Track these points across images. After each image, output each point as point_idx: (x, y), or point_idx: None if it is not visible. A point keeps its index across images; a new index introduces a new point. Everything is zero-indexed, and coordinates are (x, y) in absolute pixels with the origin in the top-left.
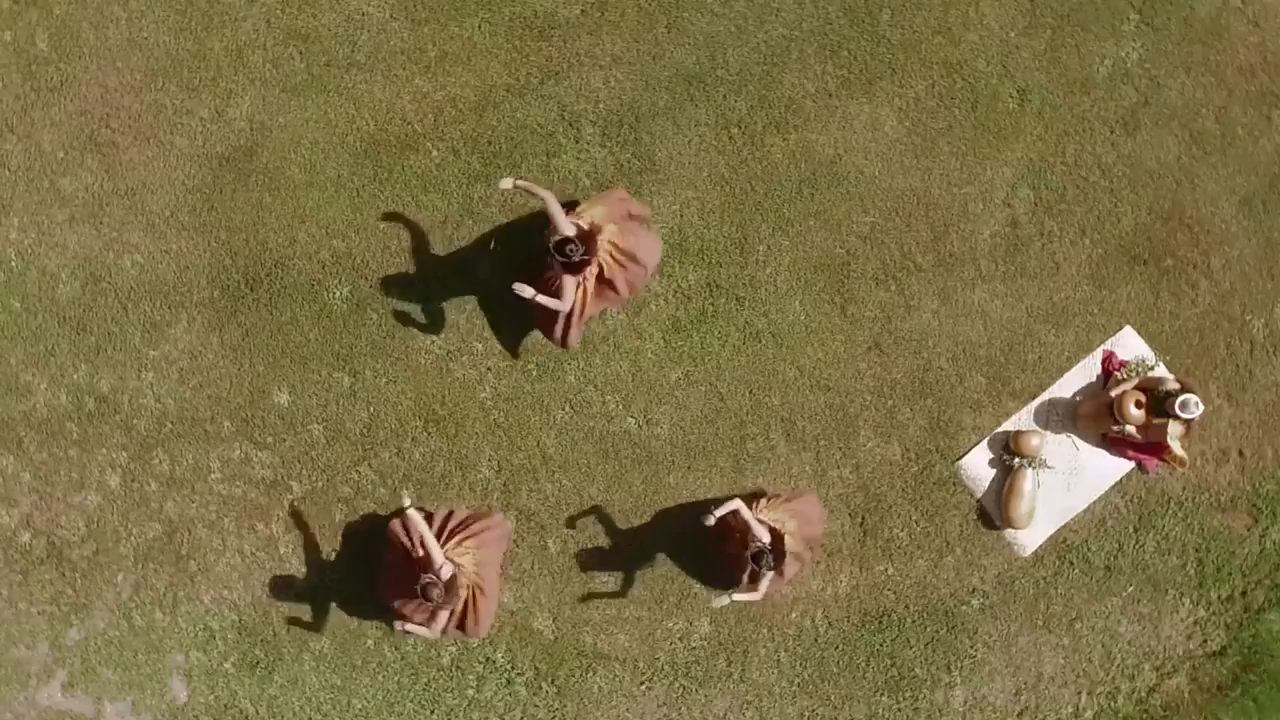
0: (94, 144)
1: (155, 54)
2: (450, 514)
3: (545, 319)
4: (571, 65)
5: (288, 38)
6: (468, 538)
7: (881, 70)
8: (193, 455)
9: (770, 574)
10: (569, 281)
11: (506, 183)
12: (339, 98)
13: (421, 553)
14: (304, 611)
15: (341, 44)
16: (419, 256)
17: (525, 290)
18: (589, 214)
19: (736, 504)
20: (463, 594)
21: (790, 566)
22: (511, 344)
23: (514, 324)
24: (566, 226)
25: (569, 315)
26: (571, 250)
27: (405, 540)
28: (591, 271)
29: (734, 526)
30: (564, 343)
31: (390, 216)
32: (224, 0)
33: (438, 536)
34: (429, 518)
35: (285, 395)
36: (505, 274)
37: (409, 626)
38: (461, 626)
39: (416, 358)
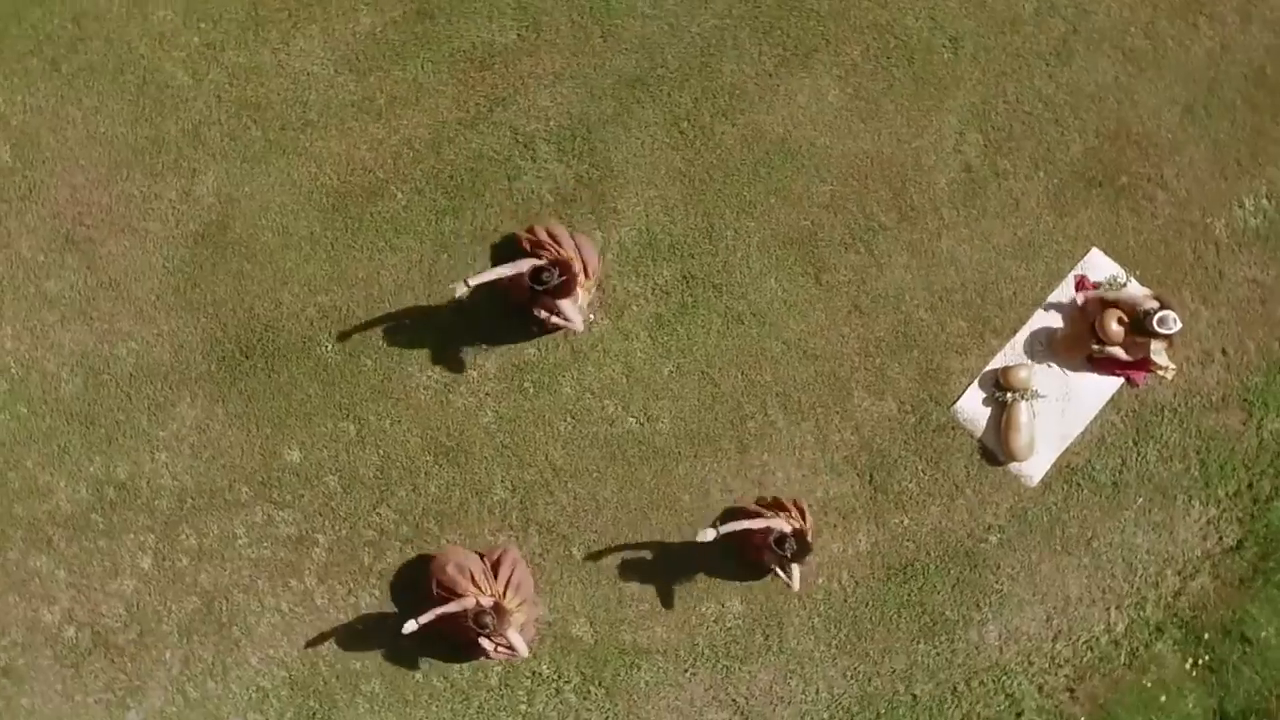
0: (71, 243)
1: (115, 146)
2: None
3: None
4: (517, 89)
5: (240, 109)
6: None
7: (816, 43)
8: (217, 525)
9: (797, 566)
10: (567, 305)
11: (461, 290)
12: (299, 158)
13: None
14: (350, 657)
15: (292, 106)
16: (402, 297)
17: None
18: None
19: (740, 525)
20: (513, 618)
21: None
22: (505, 364)
23: (504, 346)
24: (527, 264)
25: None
26: (548, 276)
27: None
28: (582, 283)
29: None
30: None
31: (368, 264)
32: (172, 84)
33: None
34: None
35: (296, 453)
36: (489, 302)
37: (499, 649)
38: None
39: (416, 395)
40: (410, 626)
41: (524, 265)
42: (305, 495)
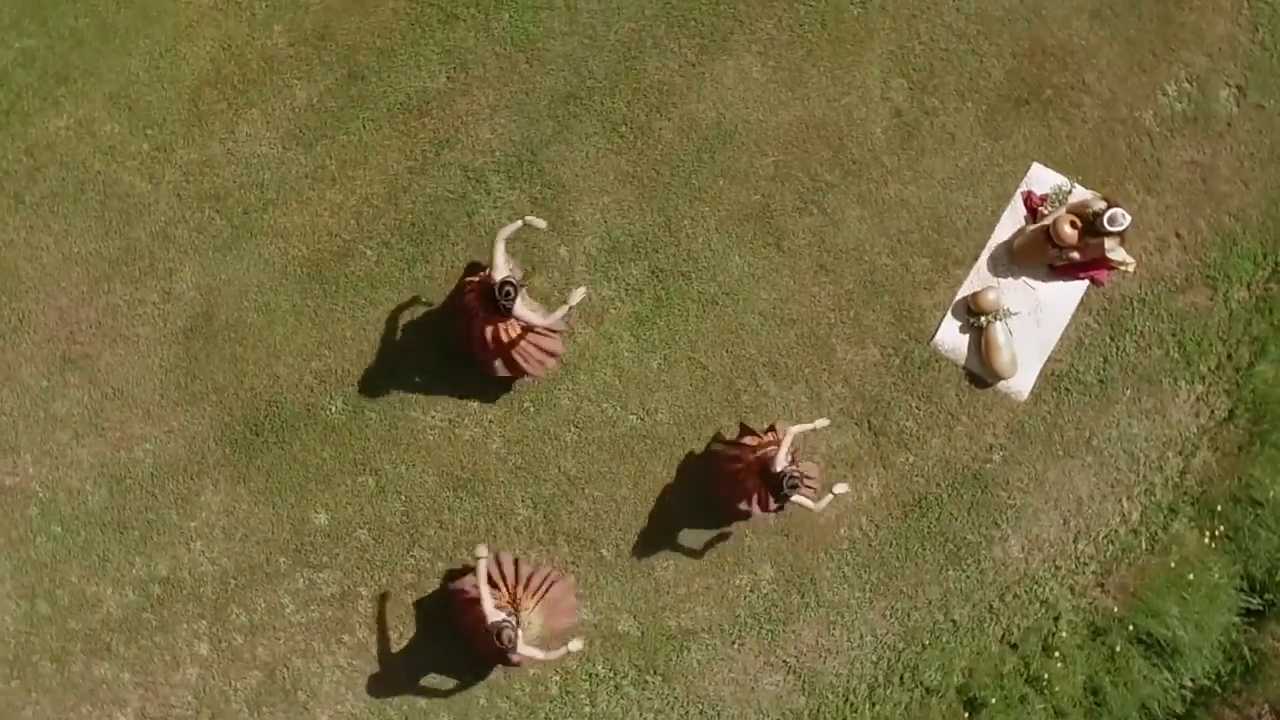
0: (69, 362)
1: (91, 263)
2: (517, 561)
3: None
4: (457, 129)
5: (201, 203)
6: (538, 601)
7: (730, 25)
8: (263, 599)
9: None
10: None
11: (538, 222)
12: (267, 237)
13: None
14: (415, 698)
15: (250, 190)
16: (392, 348)
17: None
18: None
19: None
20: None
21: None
22: (502, 397)
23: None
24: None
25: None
26: (508, 293)
27: (470, 591)
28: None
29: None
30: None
31: (353, 323)
32: (133, 193)
33: (504, 582)
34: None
35: (323, 515)
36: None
37: (520, 653)
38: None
39: (424, 436)
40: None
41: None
42: (340, 553)
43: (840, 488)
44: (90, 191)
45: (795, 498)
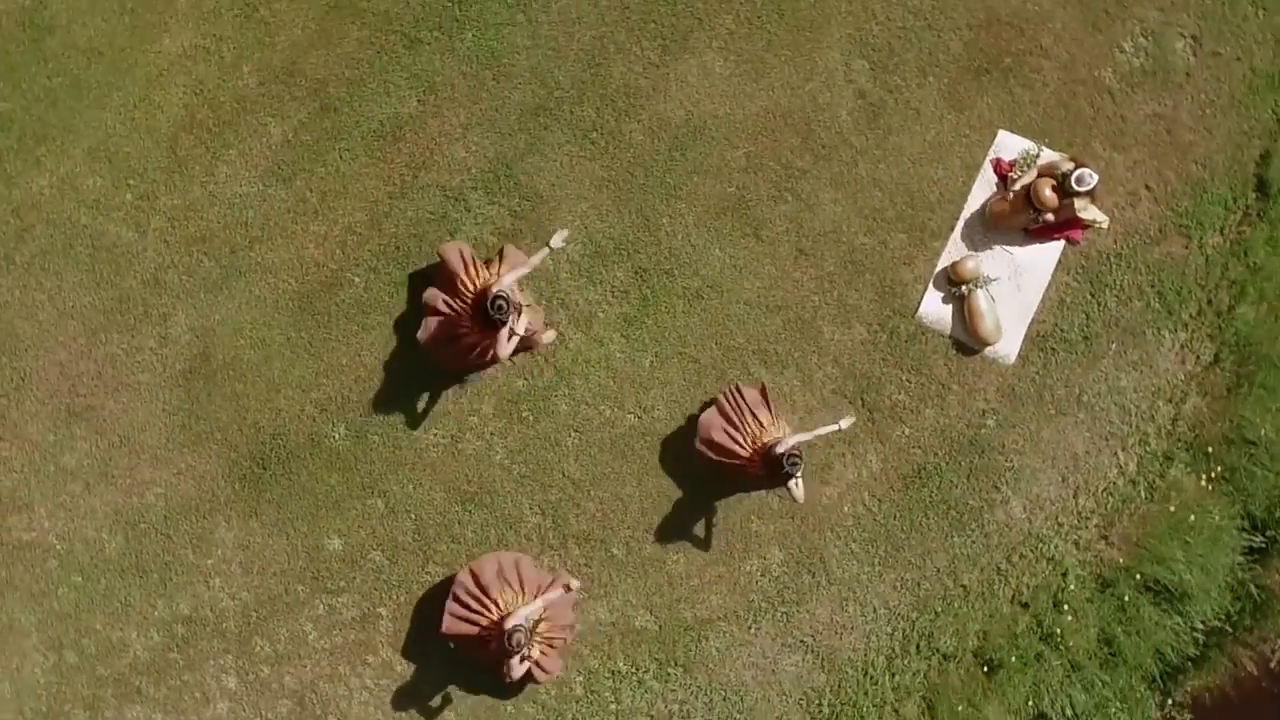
0: (74, 415)
1: (87, 315)
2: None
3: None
4: (432, 150)
5: (188, 247)
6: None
7: (689, 24)
8: (286, 628)
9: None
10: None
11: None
12: (255, 274)
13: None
14: (444, 712)
15: (235, 229)
16: (388, 371)
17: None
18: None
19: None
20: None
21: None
22: (500, 401)
23: (494, 388)
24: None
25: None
26: (500, 308)
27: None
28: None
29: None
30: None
31: (348, 351)
32: (120, 244)
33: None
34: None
35: (337, 541)
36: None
37: (514, 671)
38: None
39: (428, 454)
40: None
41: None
42: (356, 577)
43: (846, 421)
44: (79, 246)
45: (791, 484)
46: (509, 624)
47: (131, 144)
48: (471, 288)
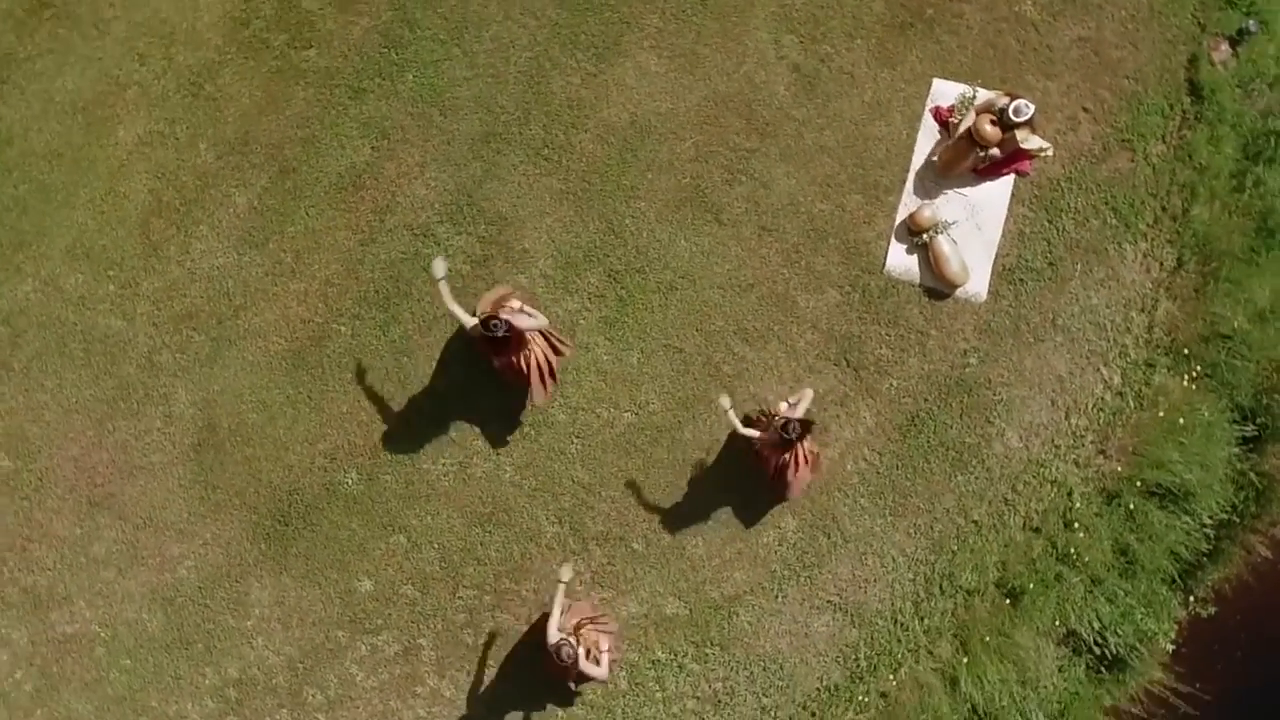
0: (96, 505)
1: (91, 408)
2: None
3: (529, 381)
4: (394, 192)
5: (176, 324)
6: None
7: (618, 29)
8: (334, 674)
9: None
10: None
11: (439, 267)
12: (245, 341)
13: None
14: None
15: (218, 301)
16: (388, 410)
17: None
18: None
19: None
20: (596, 648)
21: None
22: (502, 428)
23: (492, 410)
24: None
25: (542, 373)
26: (495, 326)
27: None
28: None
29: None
30: (541, 397)
31: (346, 399)
32: (111, 334)
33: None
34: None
35: (367, 582)
36: (456, 383)
37: (584, 669)
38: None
39: (441, 484)
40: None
41: (472, 320)
42: (392, 613)
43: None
44: (72, 343)
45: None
46: (549, 643)
47: (106, 237)
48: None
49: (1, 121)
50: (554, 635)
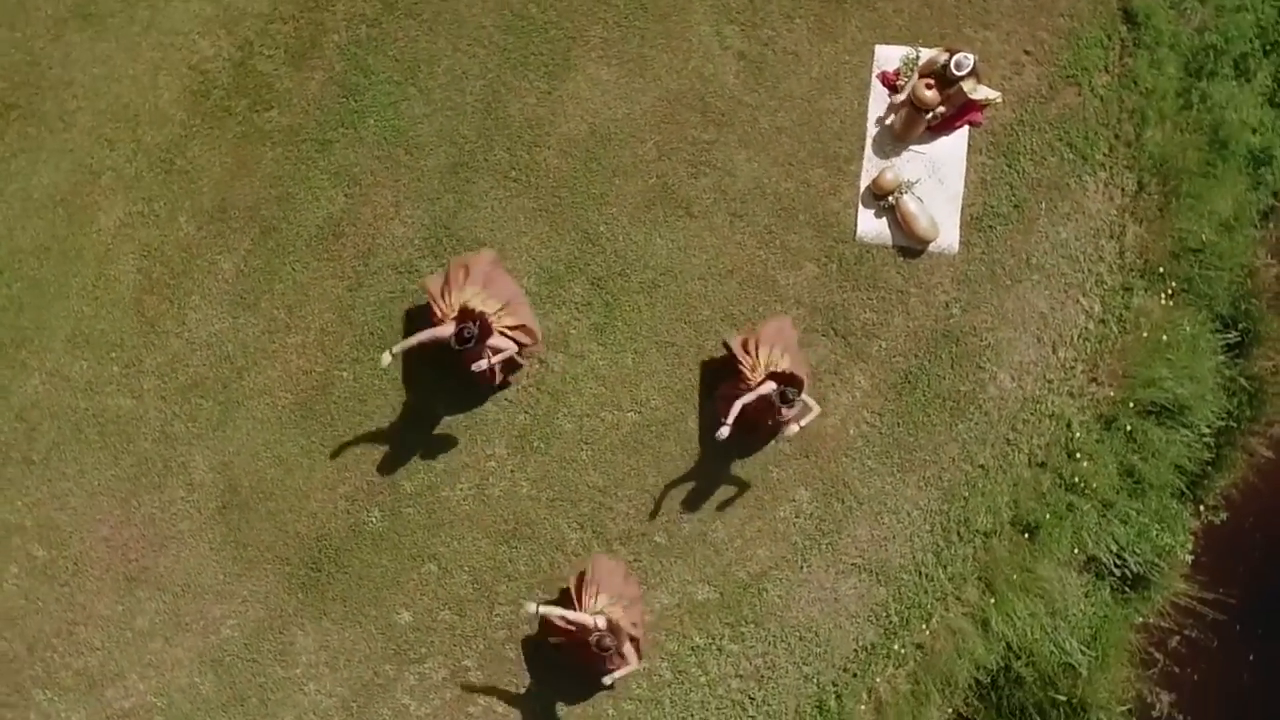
0: (132, 580)
1: (114, 487)
2: (581, 575)
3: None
4: (373, 235)
5: (184, 395)
6: (599, 592)
7: (564, 44)
8: (387, 708)
9: (801, 401)
10: (495, 341)
11: (386, 359)
12: (253, 400)
13: (575, 628)
14: None
15: (220, 366)
16: (399, 448)
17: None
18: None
19: (737, 406)
20: (627, 630)
21: None
22: (509, 439)
23: (498, 426)
24: (449, 328)
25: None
26: (469, 333)
27: (564, 625)
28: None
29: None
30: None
31: (358, 440)
32: (122, 414)
33: (578, 598)
34: (567, 593)
35: (405, 614)
36: (457, 403)
37: (615, 675)
38: (637, 650)
39: (460, 508)
40: (531, 609)
41: (444, 333)
42: (434, 639)
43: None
44: (86, 428)
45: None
46: (592, 640)
47: (103, 321)
48: (448, 312)
49: None
50: (588, 620)
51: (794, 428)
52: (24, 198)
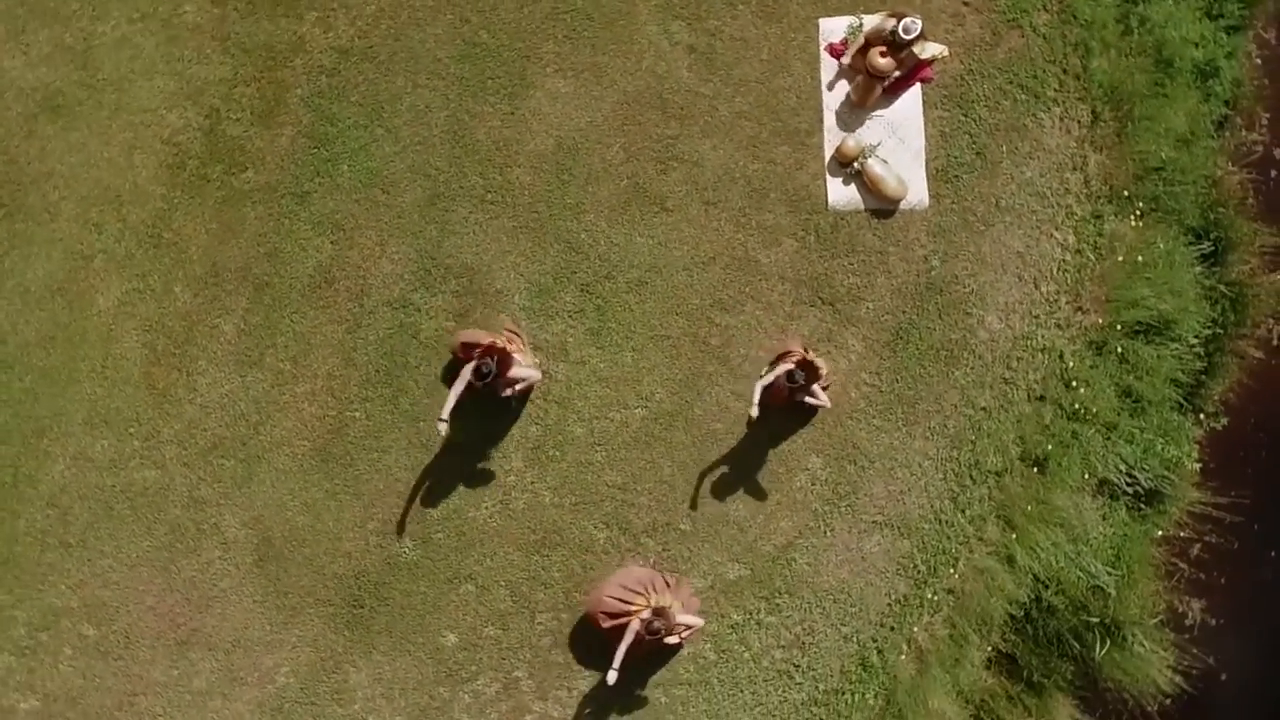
0: (184, 645)
1: (152, 558)
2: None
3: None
4: (363, 275)
5: (205, 458)
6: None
7: (519, 64)
8: None
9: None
10: (517, 371)
11: (443, 429)
12: (272, 453)
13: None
14: None
15: (236, 425)
16: (421, 475)
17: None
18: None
19: (757, 392)
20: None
21: None
22: (525, 453)
23: (513, 445)
24: (468, 370)
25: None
26: (487, 369)
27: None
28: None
29: (773, 391)
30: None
31: (379, 477)
32: (150, 485)
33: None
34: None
35: (451, 636)
36: (471, 426)
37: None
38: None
39: (488, 525)
40: (613, 677)
41: (467, 373)
42: (481, 656)
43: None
44: (117, 505)
45: (808, 399)
46: (641, 627)
47: (117, 399)
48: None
49: None
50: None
51: (823, 399)
52: (22, 292)
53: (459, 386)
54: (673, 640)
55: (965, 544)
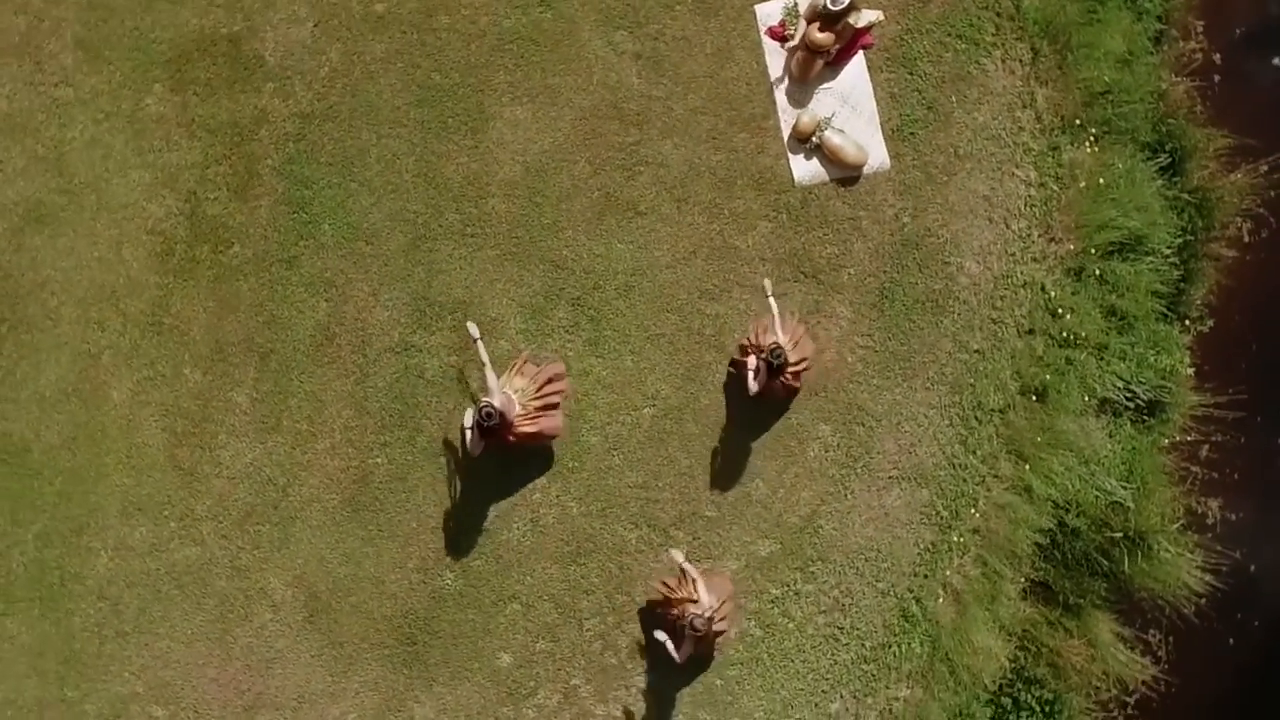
0: (250, 709)
1: (207, 630)
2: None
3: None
4: (362, 326)
5: (241, 527)
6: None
7: (475, 98)
8: None
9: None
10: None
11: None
12: (305, 512)
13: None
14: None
15: (265, 491)
16: (450, 508)
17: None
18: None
19: (753, 363)
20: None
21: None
22: (550, 475)
23: (534, 465)
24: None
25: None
26: (488, 413)
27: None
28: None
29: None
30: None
31: (410, 517)
32: (193, 563)
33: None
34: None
35: (505, 656)
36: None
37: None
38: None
39: (523, 545)
40: (672, 649)
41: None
42: (538, 671)
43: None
44: (164, 586)
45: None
46: (688, 618)
47: (146, 486)
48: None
49: (13, 436)
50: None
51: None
52: (38, 399)
53: (471, 427)
54: (721, 627)
55: (982, 483)
